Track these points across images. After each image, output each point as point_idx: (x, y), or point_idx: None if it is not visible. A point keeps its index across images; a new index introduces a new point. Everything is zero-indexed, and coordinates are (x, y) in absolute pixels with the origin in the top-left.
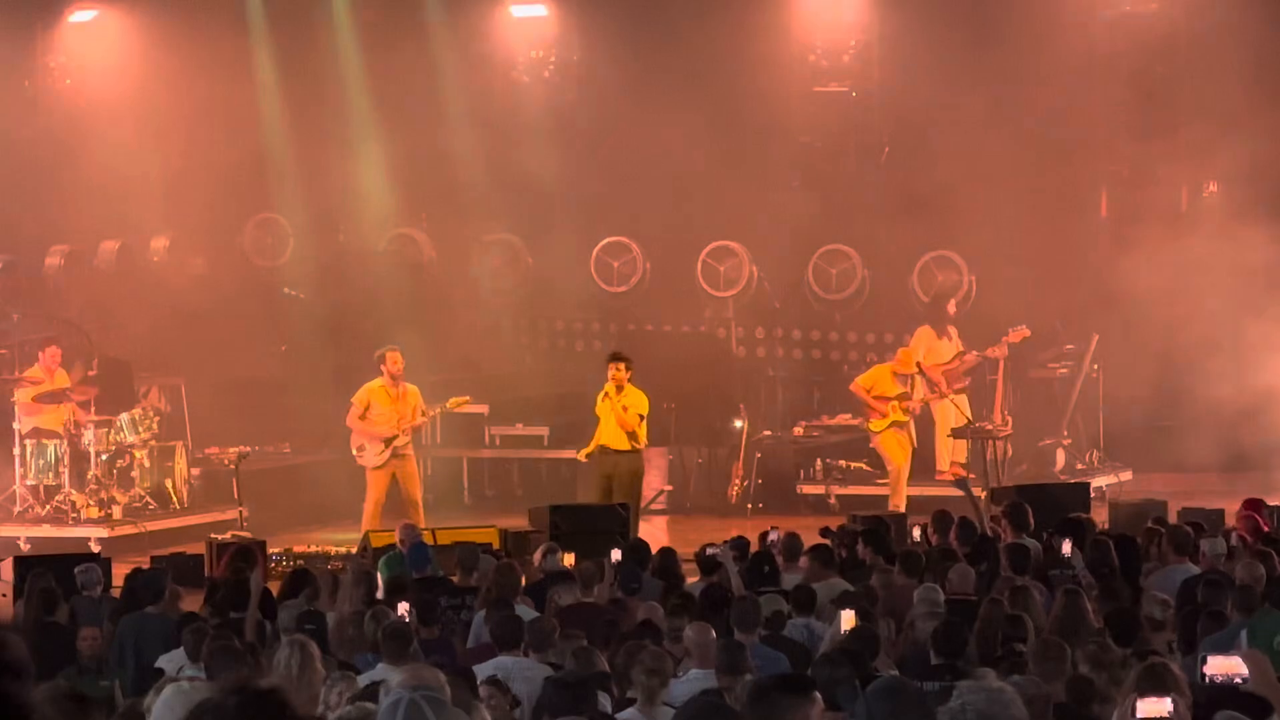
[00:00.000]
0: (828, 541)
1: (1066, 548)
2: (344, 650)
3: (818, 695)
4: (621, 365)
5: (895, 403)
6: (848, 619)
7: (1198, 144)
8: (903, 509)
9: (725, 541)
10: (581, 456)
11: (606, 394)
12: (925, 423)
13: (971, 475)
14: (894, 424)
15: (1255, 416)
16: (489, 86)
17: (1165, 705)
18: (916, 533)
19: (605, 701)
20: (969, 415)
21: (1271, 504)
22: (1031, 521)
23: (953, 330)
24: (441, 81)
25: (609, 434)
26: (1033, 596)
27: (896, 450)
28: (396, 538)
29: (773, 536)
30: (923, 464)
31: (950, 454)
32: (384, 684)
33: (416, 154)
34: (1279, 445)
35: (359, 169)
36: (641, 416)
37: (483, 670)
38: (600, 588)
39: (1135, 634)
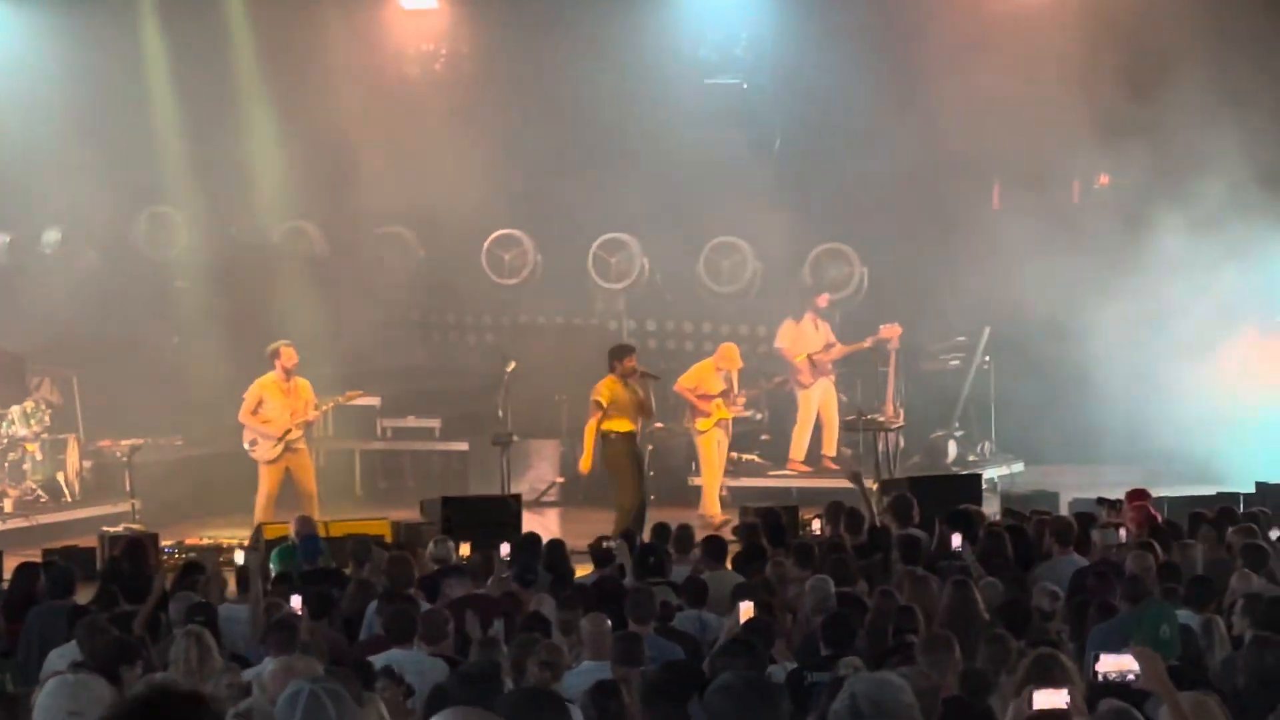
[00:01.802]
0: (722, 533)
1: (956, 540)
2: (250, 644)
3: None
4: (635, 356)
5: (719, 400)
6: (746, 610)
7: (1089, 136)
8: (715, 518)
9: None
10: (584, 467)
11: (618, 381)
12: (786, 411)
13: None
14: (719, 422)
15: (1150, 407)
16: (381, 79)
17: (1062, 697)
18: (817, 525)
19: None
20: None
21: (1160, 495)
22: (916, 514)
23: (823, 323)
24: (334, 74)
25: (631, 419)
26: (930, 588)
27: (712, 453)
28: (292, 530)
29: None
30: (810, 455)
31: (807, 446)
32: (256, 678)
33: (309, 146)
34: (1174, 436)
35: (251, 162)
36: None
37: (376, 662)
38: (491, 580)
39: (1027, 625)
